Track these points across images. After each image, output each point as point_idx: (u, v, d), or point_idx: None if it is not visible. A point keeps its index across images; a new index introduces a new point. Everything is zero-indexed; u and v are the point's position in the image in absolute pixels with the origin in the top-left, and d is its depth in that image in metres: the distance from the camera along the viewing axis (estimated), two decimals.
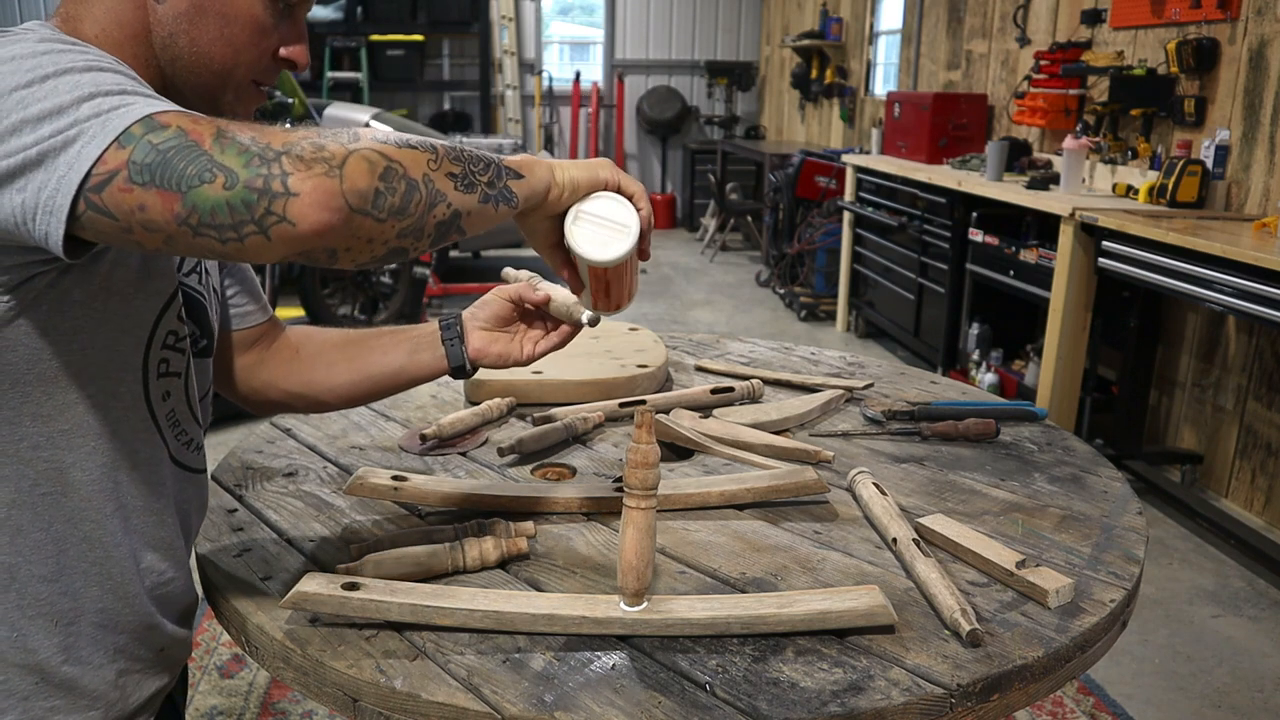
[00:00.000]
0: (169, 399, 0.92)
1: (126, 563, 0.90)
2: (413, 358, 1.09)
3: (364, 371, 1.10)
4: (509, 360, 1.08)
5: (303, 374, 1.12)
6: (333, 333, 1.15)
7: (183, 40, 0.86)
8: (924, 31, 5.93)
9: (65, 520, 0.86)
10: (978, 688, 0.83)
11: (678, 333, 1.97)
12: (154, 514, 0.92)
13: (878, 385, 1.61)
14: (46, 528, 0.85)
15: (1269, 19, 3.22)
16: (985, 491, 1.21)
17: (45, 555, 0.85)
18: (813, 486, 1.15)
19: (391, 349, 1.10)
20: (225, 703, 2.17)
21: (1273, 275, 2.57)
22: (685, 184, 9.45)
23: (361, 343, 1.12)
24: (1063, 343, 3.50)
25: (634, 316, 5.69)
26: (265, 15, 0.88)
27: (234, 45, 0.88)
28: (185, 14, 0.86)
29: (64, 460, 0.84)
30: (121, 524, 0.89)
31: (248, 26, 0.88)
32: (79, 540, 0.86)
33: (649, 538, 0.88)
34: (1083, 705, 2.25)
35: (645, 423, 0.86)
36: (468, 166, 0.79)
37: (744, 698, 0.80)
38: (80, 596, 0.87)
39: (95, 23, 0.85)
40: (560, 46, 9.88)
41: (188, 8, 0.86)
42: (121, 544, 0.89)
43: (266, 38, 0.90)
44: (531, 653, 0.86)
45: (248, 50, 0.89)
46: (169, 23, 0.86)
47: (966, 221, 4.23)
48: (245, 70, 0.90)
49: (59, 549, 0.86)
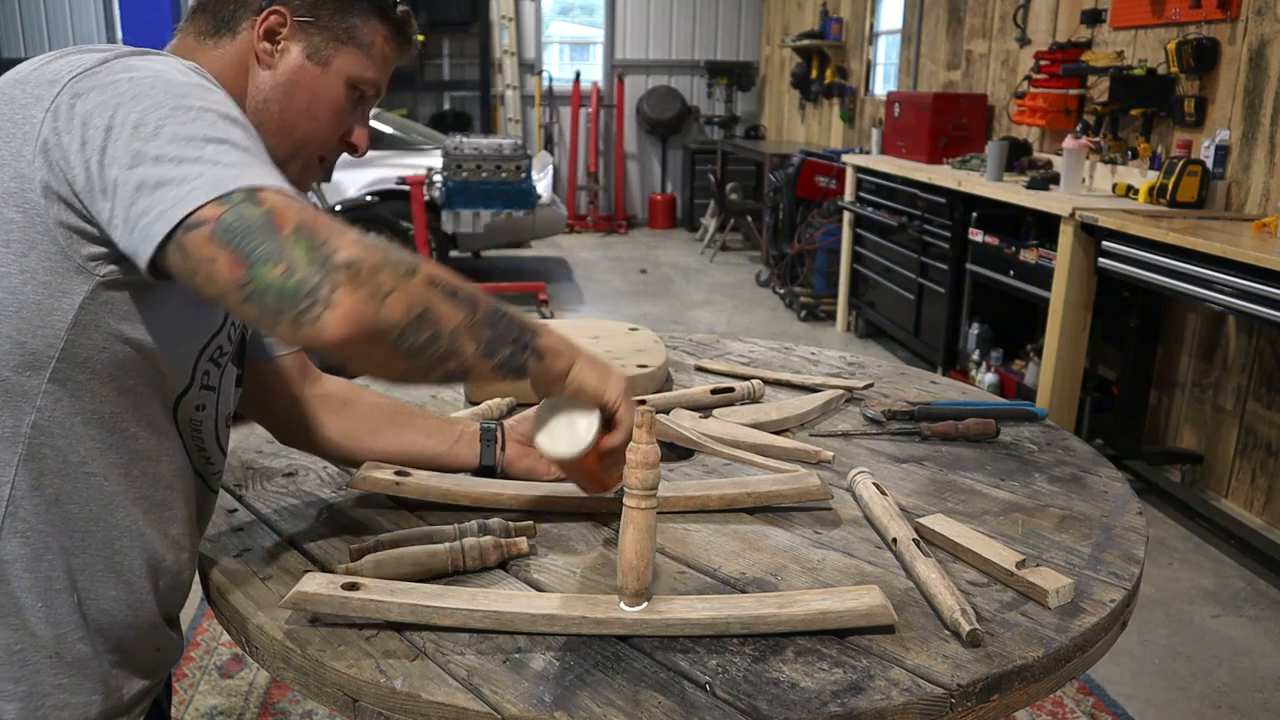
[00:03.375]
0: (202, 410, 0.98)
1: (139, 561, 0.92)
2: (452, 449, 1.19)
3: (406, 448, 1.19)
4: (534, 476, 1.18)
5: (346, 427, 1.19)
6: (381, 400, 1.22)
7: (274, 108, 0.98)
8: (924, 31, 5.92)
9: (100, 502, 0.88)
10: (978, 688, 0.83)
11: (678, 333, 1.97)
12: (174, 517, 0.95)
13: (878, 385, 1.61)
14: (84, 504, 0.88)
15: (1269, 19, 3.22)
16: (985, 491, 1.21)
17: (76, 530, 0.88)
18: (815, 493, 1.15)
19: (435, 434, 1.19)
20: (225, 703, 2.17)
21: (1273, 275, 2.57)
22: (685, 184, 9.45)
23: (410, 421, 1.20)
24: (1063, 343, 3.50)
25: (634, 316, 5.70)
26: (345, 100, 1.01)
27: (316, 121, 1.00)
28: (282, 85, 0.98)
29: (111, 444, 0.88)
30: (145, 520, 0.91)
31: (331, 106, 1.00)
32: (108, 526, 0.89)
33: (649, 538, 0.88)
34: (1083, 705, 2.25)
35: (645, 423, 0.86)
36: (499, 332, 0.85)
37: (744, 698, 0.80)
38: (97, 580, 0.90)
39: (209, 72, 0.92)
40: (560, 46, 9.88)
41: (285, 80, 0.98)
42: (139, 541, 0.91)
43: (342, 120, 1.02)
44: (531, 653, 0.86)
45: (326, 127, 1.01)
46: (266, 89, 0.98)
47: (966, 221, 4.23)
48: (318, 146, 1.01)
49: (87, 529, 0.88)
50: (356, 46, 1.00)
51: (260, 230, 0.74)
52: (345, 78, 1.00)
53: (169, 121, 0.78)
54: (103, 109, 0.79)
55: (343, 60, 0.99)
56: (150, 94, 0.79)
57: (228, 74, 0.96)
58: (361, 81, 1.01)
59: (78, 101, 0.80)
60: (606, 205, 9.46)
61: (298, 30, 0.97)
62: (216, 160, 0.76)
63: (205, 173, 0.75)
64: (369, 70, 1.01)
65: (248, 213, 0.74)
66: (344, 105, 1.01)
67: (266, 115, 0.97)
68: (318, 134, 1.00)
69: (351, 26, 0.99)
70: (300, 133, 0.99)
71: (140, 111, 0.78)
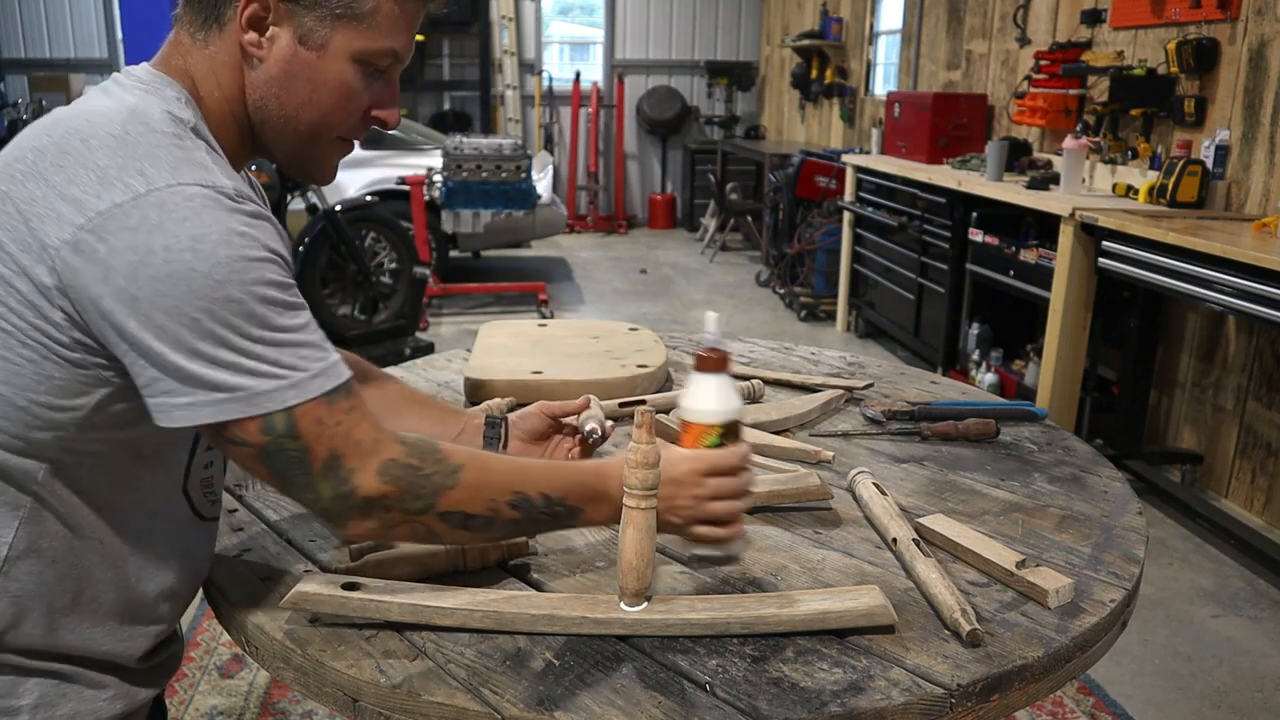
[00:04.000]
0: (211, 467, 0.99)
1: (130, 614, 0.92)
2: (457, 440, 1.18)
3: None
4: None
5: None
6: (391, 387, 1.22)
7: (272, 104, 0.92)
8: (924, 31, 5.92)
9: (95, 559, 0.89)
10: (978, 688, 0.83)
11: (678, 333, 1.97)
12: (171, 568, 0.95)
13: (878, 385, 1.61)
14: (77, 563, 0.89)
15: (1269, 19, 3.22)
16: (985, 491, 1.21)
17: (67, 591, 0.88)
18: (815, 493, 1.15)
19: (441, 424, 1.20)
20: (225, 703, 2.17)
21: (1273, 275, 2.56)
22: (685, 184, 9.44)
23: (417, 410, 1.21)
24: (1063, 343, 3.50)
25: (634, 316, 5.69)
26: (354, 80, 0.92)
27: (321, 109, 0.92)
28: (276, 78, 0.90)
29: (111, 515, 0.89)
30: (140, 575, 0.92)
31: (336, 92, 0.92)
32: (100, 582, 0.90)
33: (649, 538, 0.88)
34: (1083, 705, 2.25)
35: (645, 423, 0.87)
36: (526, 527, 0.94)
37: (744, 698, 0.80)
38: (84, 635, 0.90)
39: (201, 81, 0.91)
40: (560, 46, 9.88)
41: (279, 72, 0.90)
42: (131, 593, 0.92)
43: (355, 101, 0.93)
44: (531, 653, 0.86)
45: (335, 114, 0.93)
46: (261, 86, 0.91)
47: (966, 221, 4.22)
48: (333, 131, 0.95)
49: (78, 588, 0.89)
50: (355, 20, 0.89)
51: (296, 465, 0.82)
52: (349, 57, 0.90)
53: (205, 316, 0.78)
54: (134, 276, 0.77)
55: (342, 39, 0.89)
56: (188, 278, 0.77)
57: (224, 75, 0.91)
58: (372, 55, 0.91)
59: (102, 248, 0.77)
60: (606, 205, 9.46)
61: (284, 14, 0.88)
62: (255, 370, 0.79)
63: (247, 385, 0.79)
64: (378, 40, 0.91)
65: (286, 446, 0.81)
66: (354, 87, 0.92)
67: (266, 113, 0.92)
68: (327, 121, 0.93)
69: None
70: (306, 124, 0.92)
71: (177, 298, 0.77)
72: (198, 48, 0.91)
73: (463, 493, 0.86)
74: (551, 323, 1.85)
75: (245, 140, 0.95)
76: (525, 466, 0.93)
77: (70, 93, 7.41)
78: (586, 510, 0.93)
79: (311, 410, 0.81)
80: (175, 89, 0.90)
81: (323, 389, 0.82)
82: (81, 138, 0.81)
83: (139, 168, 0.79)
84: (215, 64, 0.91)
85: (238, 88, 0.92)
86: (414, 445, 0.86)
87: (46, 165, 0.80)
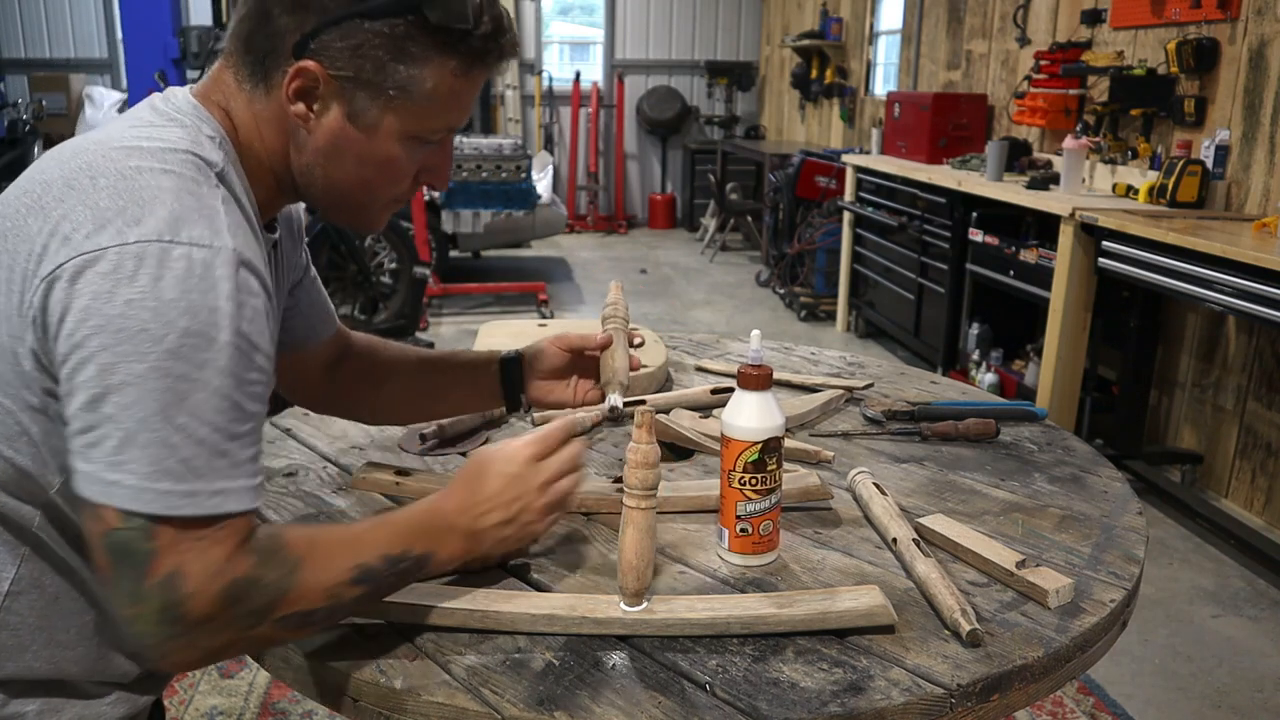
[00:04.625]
0: None
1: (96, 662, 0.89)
2: (484, 410, 1.26)
3: (441, 415, 1.28)
4: (563, 404, 1.17)
5: (383, 401, 1.20)
6: (418, 367, 1.20)
7: (318, 173, 0.89)
8: (924, 31, 5.92)
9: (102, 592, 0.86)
10: (978, 688, 0.83)
11: (678, 333, 1.97)
12: None
13: (878, 385, 1.61)
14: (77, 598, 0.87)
15: (1269, 19, 3.22)
16: (985, 491, 1.21)
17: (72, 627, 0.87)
18: (815, 493, 1.15)
19: (467, 404, 1.22)
20: (225, 703, 2.17)
21: (1273, 275, 2.57)
22: (685, 184, 9.44)
23: (443, 392, 1.20)
24: (1063, 343, 3.50)
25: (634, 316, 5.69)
26: (405, 155, 0.89)
27: (368, 184, 0.90)
28: (323, 150, 0.87)
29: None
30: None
31: (384, 168, 0.89)
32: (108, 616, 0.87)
33: (649, 538, 0.88)
34: (1083, 705, 2.25)
35: (645, 423, 0.87)
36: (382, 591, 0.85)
37: (744, 698, 0.80)
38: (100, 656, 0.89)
39: (242, 126, 0.88)
40: (560, 46, 9.88)
41: (325, 145, 0.87)
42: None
43: (404, 173, 0.91)
44: (531, 653, 0.86)
45: (382, 187, 0.91)
46: (306, 153, 0.88)
47: (966, 221, 4.23)
48: (380, 199, 0.93)
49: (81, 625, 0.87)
50: (411, 101, 0.85)
51: (132, 569, 0.72)
52: (401, 136, 0.87)
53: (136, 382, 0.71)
54: (84, 318, 0.72)
55: (395, 119, 0.86)
56: (135, 338, 0.71)
57: (267, 131, 0.87)
58: (426, 133, 0.88)
59: (71, 287, 0.73)
60: (606, 205, 9.46)
61: (335, 89, 0.84)
62: (156, 460, 0.71)
63: (134, 474, 0.71)
64: (434, 119, 0.87)
65: (135, 545, 0.72)
66: (404, 162, 0.89)
67: (310, 177, 0.89)
68: (375, 193, 0.91)
69: (404, 79, 0.84)
70: (353, 198, 0.91)
71: (117, 354, 0.71)
72: (243, 96, 0.88)
73: (300, 591, 0.77)
74: (551, 323, 1.85)
75: (283, 190, 0.92)
76: (358, 534, 0.85)
77: (70, 93, 7.42)
78: (435, 552, 0.86)
79: (172, 534, 0.73)
80: (212, 126, 0.86)
81: (209, 510, 0.73)
82: (90, 174, 0.77)
83: (137, 215, 0.74)
84: (259, 119, 0.87)
85: (281, 145, 0.88)
86: (262, 550, 0.77)
87: (50, 200, 0.77)
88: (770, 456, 0.99)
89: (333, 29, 0.82)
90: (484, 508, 0.88)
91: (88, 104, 7.27)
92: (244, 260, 0.77)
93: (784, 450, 1.01)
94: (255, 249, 0.81)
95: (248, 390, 0.76)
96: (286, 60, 0.84)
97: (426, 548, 0.85)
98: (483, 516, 0.88)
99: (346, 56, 0.83)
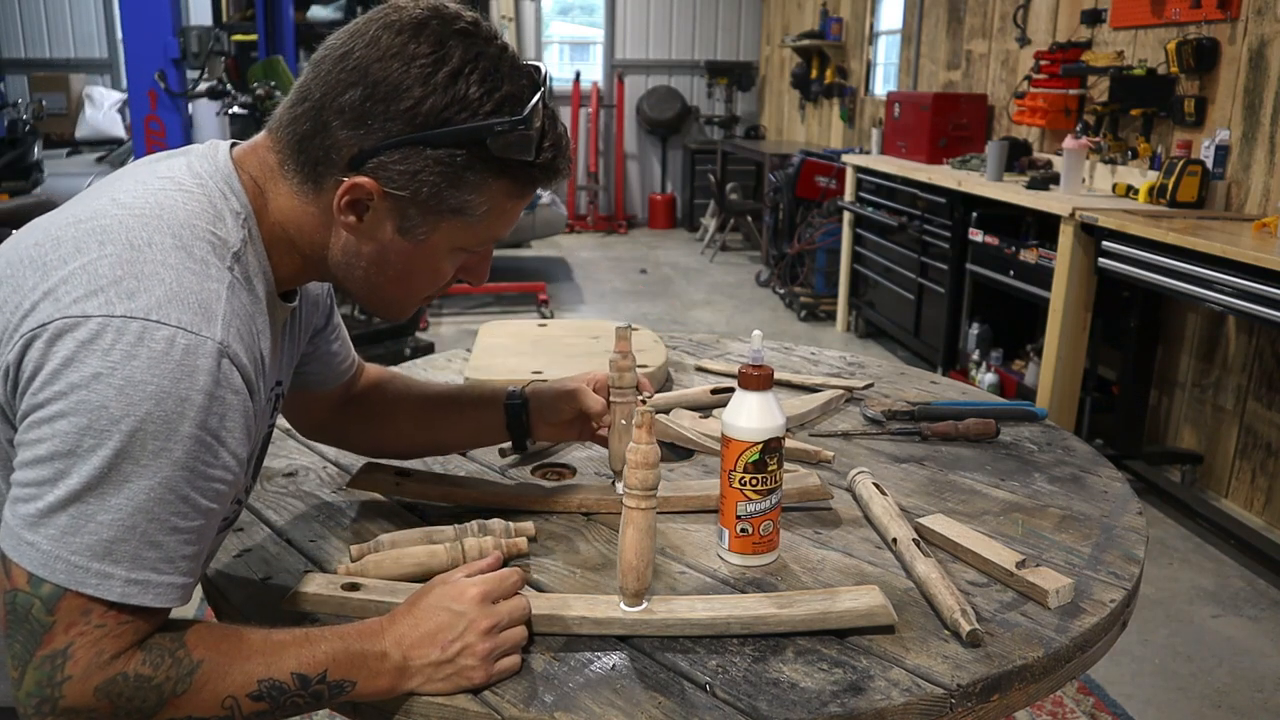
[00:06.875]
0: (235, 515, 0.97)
1: None
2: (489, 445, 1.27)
3: (443, 450, 1.27)
4: (569, 440, 1.26)
5: (386, 435, 1.19)
6: (421, 403, 1.19)
7: (358, 273, 0.88)
8: (924, 31, 5.92)
9: None
10: (978, 688, 0.83)
11: (678, 333, 1.97)
12: None
13: (878, 385, 1.61)
14: None
15: (1269, 19, 3.22)
16: (985, 491, 1.21)
17: None
18: (815, 493, 1.15)
19: (469, 439, 1.23)
20: None
21: (1273, 275, 2.56)
22: (685, 184, 9.44)
23: (446, 426, 1.19)
24: (1063, 343, 3.50)
25: (634, 316, 5.69)
26: (448, 266, 0.90)
27: (409, 291, 0.91)
28: (368, 255, 0.87)
29: None
30: None
31: (428, 276, 0.90)
32: None
33: (649, 538, 0.88)
34: (1083, 705, 2.25)
35: (645, 423, 0.87)
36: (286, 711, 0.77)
37: (744, 698, 0.80)
38: None
39: (279, 210, 0.86)
40: (560, 46, 9.88)
41: (371, 251, 0.86)
42: None
43: (445, 276, 0.91)
44: (531, 653, 0.86)
45: (422, 289, 0.92)
46: (350, 254, 0.87)
47: (966, 221, 4.22)
48: (417, 298, 0.94)
49: None
50: (463, 219, 0.85)
51: (27, 635, 0.71)
52: (450, 248, 0.88)
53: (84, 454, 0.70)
54: (50, 382, 0.71)
55: (446, 234, 0.86)
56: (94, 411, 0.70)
57: (307, 224, 0.86)
58: (473, 245, 0.89)
59: (47, 349, 0.72)
60: (606, 205, 9.46)
61: (390, 205, 0.83)
62: (77, 531, 0.70)
63: (51, 540, 0.70)
64: (484, 233, 0.88)
65: (35, 613, 0.70)
66: (447, 270, 0.90)
67: (349, 275, 0.89)
68: (414, 294, 0.92)
69: (459, 204, 0.84)
70: (392, 294, 0.91)
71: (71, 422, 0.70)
72: (285, 186, 0.86)
73: (192, 697, 0.73)
74: (551, 323, 1.85)
75: (311, 271, 0.91)
76: (280, 643, 0.78)
77: (70, 93, 7.42)
78: (357, 682, 0.79)
79: (89, 605, 0.71)
80: (240, 201, 0.84)
81: (118, 597, 0.71)
82: (101, 239, 0.76)
83: (132, 288, 0.73)
84: (301, 212, 0.86)
85: (320, 239, 0.87)
86: (157, 648, 0.74)
87: (54, 259, 0.76)
88: (771, 457, 0.99)
89: (393, 151, 0.81)
90: (421, 645, 0.81)
91: (88, 104, 7.27)
92: (230, 355, 0.75)
93: (784, 450, 1.01)
94: (251, 341, 0.79)
95: (203, 487, 0.74)
96: (342, 171, 0.83)
97: (347, 675, 0.78)
98: (418, 653, 0.81)
99: (405, 179, 0.82)
